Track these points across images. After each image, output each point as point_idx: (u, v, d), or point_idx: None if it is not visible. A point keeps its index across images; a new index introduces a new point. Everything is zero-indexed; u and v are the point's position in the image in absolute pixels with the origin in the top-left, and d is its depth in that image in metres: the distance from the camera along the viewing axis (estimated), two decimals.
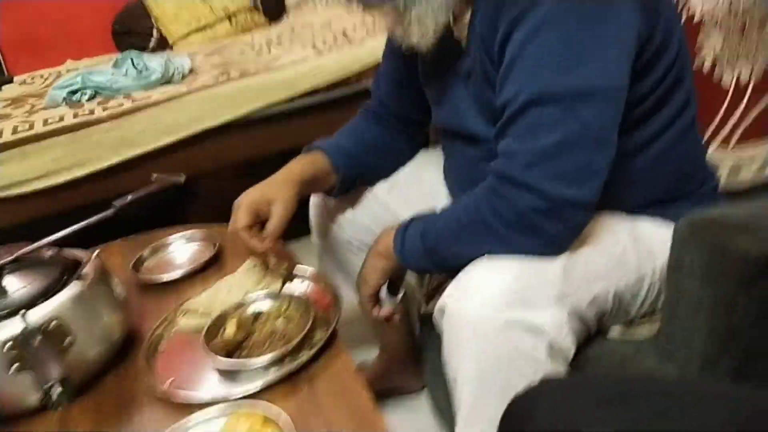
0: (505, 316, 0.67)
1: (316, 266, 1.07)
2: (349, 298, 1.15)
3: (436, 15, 0.76)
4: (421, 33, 0.77)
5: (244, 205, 0.90)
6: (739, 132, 1.09)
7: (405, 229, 0.81)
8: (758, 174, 1.03)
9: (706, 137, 1.11)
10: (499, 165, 0.73)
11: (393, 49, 1.01)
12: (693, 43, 1.15)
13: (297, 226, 1.10)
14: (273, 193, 0.91)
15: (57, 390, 0.71)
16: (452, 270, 0.76)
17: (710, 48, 1.13)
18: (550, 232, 0.71)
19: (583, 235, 0.75)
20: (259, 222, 0.91)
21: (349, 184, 1.03)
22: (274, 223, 0.89)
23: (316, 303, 0.85)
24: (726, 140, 1.10)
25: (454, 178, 0.99)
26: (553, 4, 0.68)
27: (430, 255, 0.78)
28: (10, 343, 0.71)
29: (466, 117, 0.86)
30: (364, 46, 1.67)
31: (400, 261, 0.81)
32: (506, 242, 0.72)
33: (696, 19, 1.15)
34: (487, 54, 0.77)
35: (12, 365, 0.71)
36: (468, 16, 0.80)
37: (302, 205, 1.07)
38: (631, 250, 0.79)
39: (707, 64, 1.14)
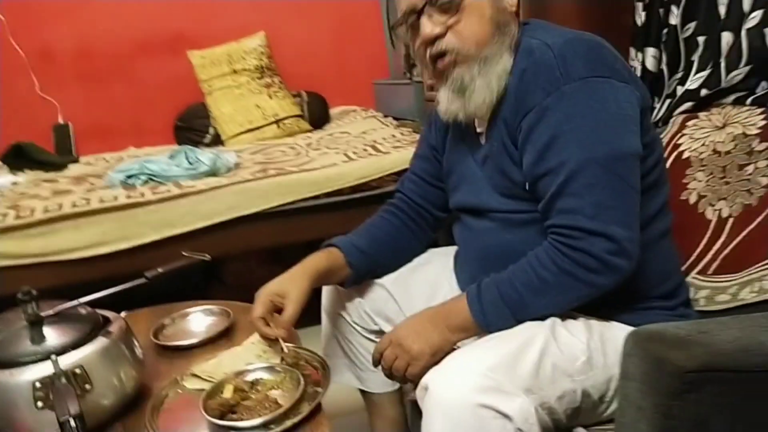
0: (478, 400, 0.74)
1: (321, 348, 1.17)
2: (346, 378, 1.24)
3: (492, 86, 0.94)
4: (481, 100, 0.94)
5: (262, 296, 1.02)
6: (717, 261, 1.16)
7: (479, 299, 0.90)
8: (732, 300, 1.09)
9: (687, 264, 1.18)
10: (563, 221, 0.87)
11: (423, 153, 1.20)
12: (681, 177, 1.26)
13: (308, 313, 1.22)
14: (288, 287, 1.02)
15: (72, 424, 0.80)
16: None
17: (696, 185, 1.24)
18: (623, 267, 0.85)
19: (555, 336, 0.85)
20: (275, 310, 1.02)
21: (361, 277, 1.14)
22: (286, 316, 1.00)
23: (308, 378, 0.93)
24: (705, 268, 1.17)
25: (469, 250, 1.10)
26: (580, 97, 0.86)
27: (517, 315, 0.88)
28: (40, 383, 0.81)
29: (482, 194, 1.01)
30: (388, 157, 1.85)
31: (486, 328, 0.90)
32: (591, 285, 0.86)
33: (684, 156, 1.27)
34: (510, 136, 0.94)
35: (37, 402, 0.80)
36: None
37: (316, 291, 1.19)
38: (599, 351, 0.87)
39: (692, 199, 1.24)
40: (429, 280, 1.17)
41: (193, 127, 2.68)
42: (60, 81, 2.70)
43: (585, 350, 0.87)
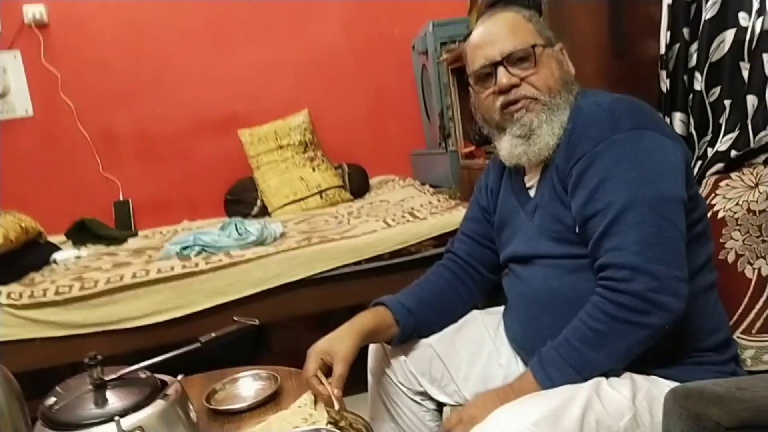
0: None
1: (367, 413, 1.19)
2: None
3: (555, 131, 1.02)
4: (545, 143, 1.02)
5: (313, 354, 1.06)
6: (761, 320, 1.15)
7: (542, 368, 0.93)
8: None
9: (731, 323, 1.17)
10: (610, 259, 0.92)
11: (473, 216, 1.27)
12: (718, 236, 1.27)
13: (355, 381, 1.25)
14: (337, 345, 1.06)
15: None
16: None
17: (733, 243, 1.24)
18: (671, 305, 0.88)
19: (599, 393, 0.87)
20: (327, 367, 1.06)
21: (407, 335, 1.18)
22: (336, 374, 1.04)
23: None
24: (750, 328, 1.16)
25: (519, 297, 1.13)
26: (627, 145, 0.94)
27: (583, 373, 0.90)
28: None
29: (533, 242, 1.07)
30: (425, 222, 1.91)
31: None
32: (642, 326, 0.88)
33: (719, 216, 1.28)
34: (561, 183, 1.00)
35: None
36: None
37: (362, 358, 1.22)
38: (645, 409, 0.88)
39: (731, 258, 1.24)
40: (473, 339, 1.20)
41: (242, 199, 2.82)
42: (121, 161, 2.91)
43: (630, 407, 0.87)
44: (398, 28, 3.01)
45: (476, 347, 1.18)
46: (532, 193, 1.11)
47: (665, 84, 1.51)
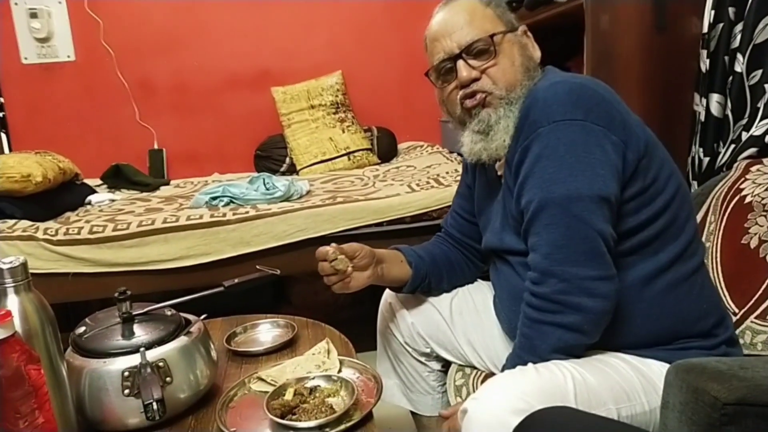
0: (513, 421, 0.77)
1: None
2: (397, 399, 1.30)
3: (509, 128, 0.98)
4: (501, 141, 0.99)
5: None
6: None
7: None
8: None
9: (746, 308, 1.17)
10: (530, 259, 0.93)
11: (462, 191, 1.27)
12: (743, 221, 1.26)
13: (366, 338, 1.28)
14: (354, 242, 1.13)
15: (155, 407, 0.91)
16: None
17: (757, 229, 1.23)
18: (586, 305, 0.87)
19: (590, 362, 0.89)
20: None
21: (419, 280, 1.20)
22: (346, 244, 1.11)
23: (361, 389, 1.00)
24: (765, 313, 1.15)
25: (502, 291, 1.14)
26: (550, 139, 0.90)
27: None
28: (128, 372, 0.91)
29: (504, 236, 1.06)
30: (449, 189, 1.91)
31: None
32: (559, 326, 0.89)
33: (746, 200, 1.27)
34: (513, 176, 0.98)
35: (125, 390, 0.91)
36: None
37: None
38: (636, 383, 0.90)
39: (753, 243, 1.23)
40: (479, 308, 1.23)
41: (271, 156, 2.86)
42: (157, 111, 2.96)
43: (618, 380, 0.89)
44: None
45: (482, 317, 1.21)
46: (502, 181, 1.08)
47: (705, 64, 1.48)
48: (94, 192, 2.41)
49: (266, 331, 1.31)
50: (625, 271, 0.93)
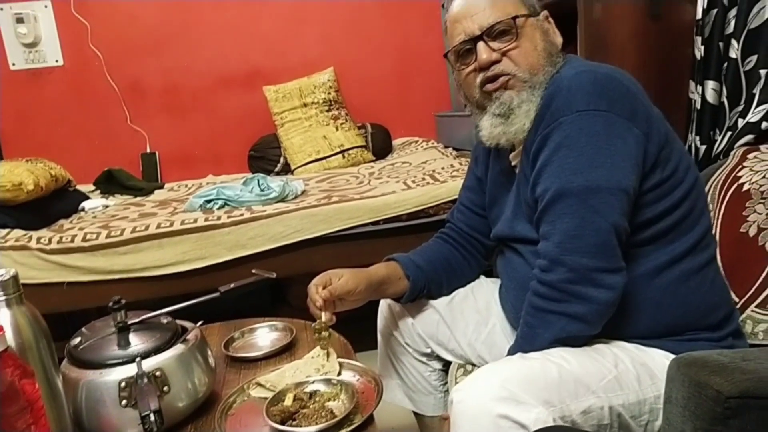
0: (496, 410, 0.78)
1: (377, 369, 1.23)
2: (398, 399, 1.29)
3: (531, 113, 0.97)
4: (521, 124, 0.98)
5: (323, 273, 1.11)
6: None
7: None
8: None
9: (746, 297, 1.17)
10: (540, 247, 0.92)
11: (470, 184, 1.25)
12: (741, 209, 1.25)
13: (367, 337, 1.27)
14: (346, 273, 1.12)
15: (152, 418, 0.90)
16: None
17: (756, 217, 1.22)
18: (592, 296, 0.87)
19: (585, 352, 0.88)
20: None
21: (417, 291, 1.20)
22: (333, 284, 1.09)
23: (361, 392, 0.99)
24: (765, 302, 1.15)
25: (510, 280, 1.13)
26: (572, 129, 0.89)
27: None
28: (124, 383, 0.90)
29: (517, 225, 1.05)
30: (445, 185, 1.91)
31: None
32: (563, 315, 0.89)
33: (744, 188, 1.26)
34: (531, 165, 0.97)
35: (122, 401, 0.90)
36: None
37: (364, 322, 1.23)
38: (631, 371, 0.89)
39: (752, 232, 1.22)
40: (480, 307, 1.22)
41: (265, 156, 2.84)
42: (149, 113, 2.94)
43: (612, 369, 0.88)
44: None
45: (482, 315, 1.20)
46: (516, 171, 1.08)
47: (699, 51, 1.46)
48: (88, 198, 2.39)
49: (264, 335, 1.30)
50: (638, 260, 0.93)
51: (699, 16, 1.45)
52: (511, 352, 0.94)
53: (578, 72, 0.93)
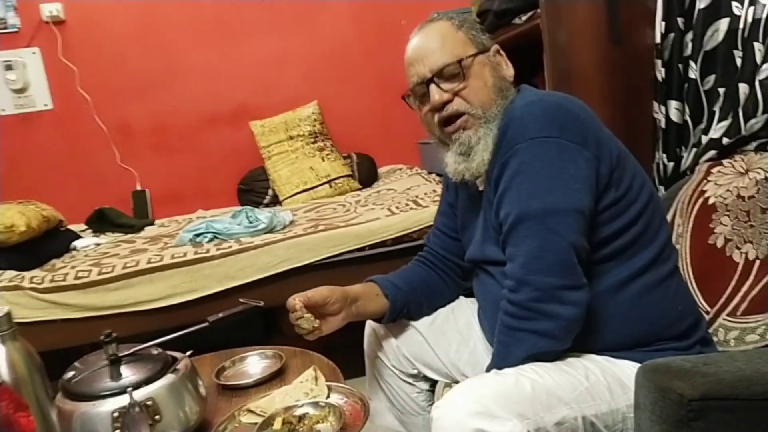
0: (473, 425, 0.81)
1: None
2: (389, 422, 1.31)
3: (489, 146, 1.02)
4: (481, 159, 1.03)
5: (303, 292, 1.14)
6: (746, 303, 1.19)
7: None
8: (761, 339, 1.12)
9: (717, 306, 1.21)
10: (507, 269, 0.97)
11: (443, 209, 1.30)
12: (708, 222, 1.31)
13: (357, 364, 1.29)
14: (324, 287, 1.15)
15: None
16: None
17: (722, 229, 1.27)
18: (559, 313, 0.91)
19: (557, 366, 0.92)
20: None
21: (398, 311, 1.23)
22: (309, 292, 1.12)
23: (349, 413, 1.02)
24: (735, 310, 1.19)
25: (485, 302, 1.17)
26: (527, 155, 0.95)
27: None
28: (117, 413, 0.92)
29: (486, 248, 1.09)
30: (427, 210, 1.96)
31: None
32: (533, 332, 0.93)
33: (710, 202, 1.31)
34: (494, 190, 1.02)
35: (115, 431, 0.92)
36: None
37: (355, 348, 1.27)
38: (602, 382, 0.93)
39: (720, 243, 1.28)
40: (461, 327, 1.25)
41: (254, 189, 2.89)
42: (138, 152, 2.98)
43: (583, 381, 0.92)
44: (405, 19, 3.04)
45: (463, 335, 1.24)
46: (483, 197, 1.12)
47: (660, 73, 1.54)
48: (79, 237, 2.41)
49: (255, 363, 1.32)
50: (600, 276, 0.98)
51: (658, 40, 1.52)
52: (488, 369, 0.97)
53: (528, 102, 0.99)
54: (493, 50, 1.10)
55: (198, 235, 2.04)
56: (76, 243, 2.31)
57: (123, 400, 0.94)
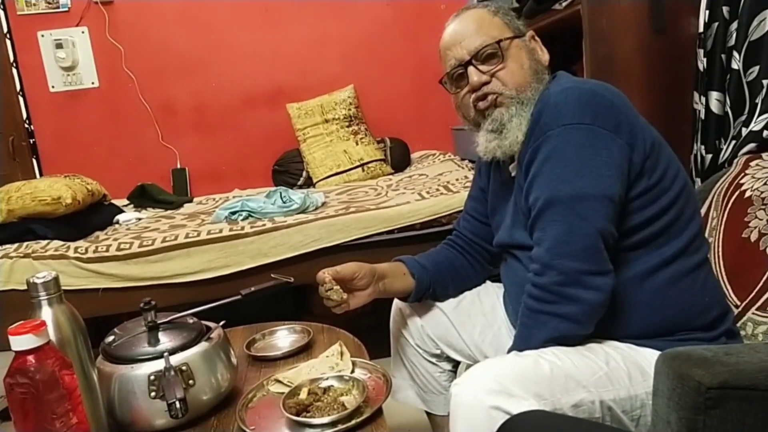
0: (489, 402, 0.83)
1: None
2: (411, 399, 1.34)
3: (522, 126, 1.04)
4: (514, 137, 1.04)
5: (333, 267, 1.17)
6: None
7: None
8: None
9: (747, 300, 1.20)
10: (534, 252, 0.98)
11: (474, 194, 1.31)
12: (743, 215, 1.28)
13: (381, 346, 1.32)
14: (353, 263, 1.18)
15: (177, 405, 0.97)
16: None
17: (757, 223, 1.25)
18: (582, 297, 0.92)
19: (577, 351, 0.93)
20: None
21: (423, 290, 1.25)
22: (339, 267, 1.15)
23: (372, 388, 1.05)
24: (765, 304, 1.17)
25: (511, 286, 1.19)
26: (559, 141, 0.95)
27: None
28: (153, 376, 0.98)
29: (516, 233, 1.11)
30: (457, 195, 1.97)
31: None
32: (555, 315, 0.94)
33: (746, 195, 1.29)
34: (524, 173, 1.03)
35: (151, 393, 0.97)
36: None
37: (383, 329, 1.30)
38: (622, 368, 0.93)
39: (753, 237, 1.25)
40: (486, 310, 1.27)
41: (288, 170, 2.94)
42: (179, 131, 3.07)
43: (603, 366, 0.93)
44: (444, 3, 3.03)
45: (489, 318, 1.25)
46: (514, 182, 1.12)
47: (702, 63, 1.50)
48: (122, 212, 2.51)
49: (284, 337, 1.37)
50: (628, 263, 0.98)
51: (701, 29, 1.49)
52: (509, 351, 0.99)
53: (564, 89, 0.99)
54: (529, 35, 1.12)
55: (233, 213, 2.09)
56: (119, 217, 2.41)
57: (159, 365, 0.99)
